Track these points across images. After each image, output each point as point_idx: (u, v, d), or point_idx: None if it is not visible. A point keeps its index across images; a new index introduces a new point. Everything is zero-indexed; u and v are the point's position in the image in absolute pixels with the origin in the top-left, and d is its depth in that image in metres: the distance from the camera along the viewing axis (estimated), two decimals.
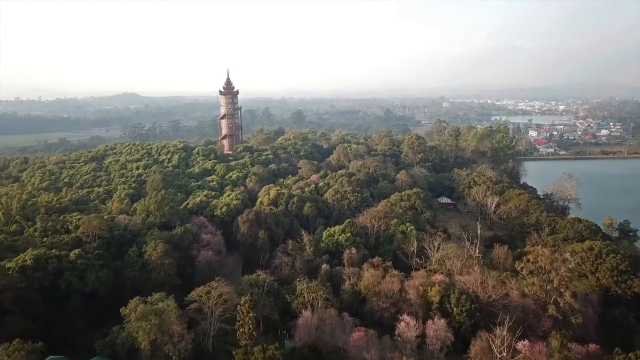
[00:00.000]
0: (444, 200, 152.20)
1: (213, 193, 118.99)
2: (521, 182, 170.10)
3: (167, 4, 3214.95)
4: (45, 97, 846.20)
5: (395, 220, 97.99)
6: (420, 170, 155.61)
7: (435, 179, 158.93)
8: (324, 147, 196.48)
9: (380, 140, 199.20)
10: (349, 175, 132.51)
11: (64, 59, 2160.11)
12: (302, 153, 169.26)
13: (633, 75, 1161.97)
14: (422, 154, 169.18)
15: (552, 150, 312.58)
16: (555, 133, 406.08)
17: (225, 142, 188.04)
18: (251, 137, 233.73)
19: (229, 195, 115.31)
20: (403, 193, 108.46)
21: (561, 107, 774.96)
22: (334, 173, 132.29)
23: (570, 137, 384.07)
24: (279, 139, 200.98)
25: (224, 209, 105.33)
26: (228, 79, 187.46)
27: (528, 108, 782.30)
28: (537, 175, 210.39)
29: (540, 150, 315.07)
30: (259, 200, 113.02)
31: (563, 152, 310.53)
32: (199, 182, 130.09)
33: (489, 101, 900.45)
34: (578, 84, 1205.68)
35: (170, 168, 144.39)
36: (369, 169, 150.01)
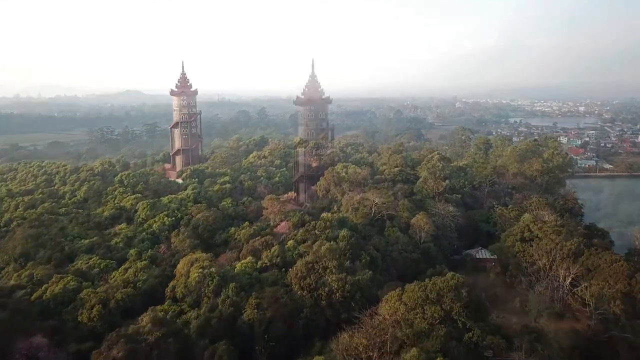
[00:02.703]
0: (481, 254, 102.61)
1: (104, 263, 70.25)
2: (584, 221, 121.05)
3: (170, 2, 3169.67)
4: (47, 94, 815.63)
5: (415, 350, 49.22)
6: (445, 207, 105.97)
7: (466, 220, 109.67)
8: (313, 165, 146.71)
9: (389, 157, 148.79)
10: (338, 224, 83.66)
11: (67, 57, 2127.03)
12: (277, 178, 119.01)
13: None
14: (447, 180, 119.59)
15: (594, 162, 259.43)
16: (588, 139, 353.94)
17: (178, 159, 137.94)
18: (225, 148, 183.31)
19: (124, 271, 66.70)
20: (428, 284, 58.12)
21: (581, 109, 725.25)
22: (314, 223, 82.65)
23: (607, 145, 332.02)
24: (251, 154, 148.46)
25: (95, 310, 56.68)
26: (183, 74, 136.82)
27: (546, 109, 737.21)
28: (588, 202, 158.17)
29: (579, 162, 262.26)
30: (171, 284, 63.94)
31: (609, 165, 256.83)
32: (95, 238, 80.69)
33: (503, 101, 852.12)
34: (583, 84, 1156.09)
35: (67, 208, 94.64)
36: (371, 207, 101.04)
